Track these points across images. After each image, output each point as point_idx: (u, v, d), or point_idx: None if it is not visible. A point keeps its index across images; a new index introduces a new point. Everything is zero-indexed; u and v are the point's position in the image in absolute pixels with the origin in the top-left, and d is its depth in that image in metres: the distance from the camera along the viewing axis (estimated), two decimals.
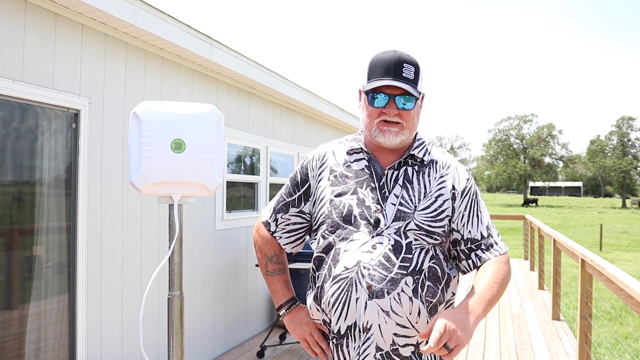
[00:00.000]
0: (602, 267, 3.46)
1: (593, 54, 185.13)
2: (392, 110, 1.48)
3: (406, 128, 1.50)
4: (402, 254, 1.43)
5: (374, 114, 1.50)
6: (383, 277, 1.41)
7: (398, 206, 1.47)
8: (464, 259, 1.52)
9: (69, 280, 3.07)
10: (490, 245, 1.52)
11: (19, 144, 2.80)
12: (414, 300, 1.41)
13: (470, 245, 1.51)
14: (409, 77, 1.46)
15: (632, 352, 5.45)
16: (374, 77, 1.48)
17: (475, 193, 1.56)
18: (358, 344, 1.44)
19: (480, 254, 1.51)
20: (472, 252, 1.51)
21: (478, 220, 1.53)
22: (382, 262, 1.42)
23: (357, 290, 1.42)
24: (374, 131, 1.50)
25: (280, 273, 1.70)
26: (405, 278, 1.42)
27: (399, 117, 1.48)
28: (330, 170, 1.58)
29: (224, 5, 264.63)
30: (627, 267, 11.56)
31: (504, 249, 1.54)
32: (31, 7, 2.78)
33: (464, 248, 1.52)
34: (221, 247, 4.63)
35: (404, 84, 1.45)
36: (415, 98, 1.48)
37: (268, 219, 1.70)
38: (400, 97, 1.47)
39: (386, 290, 1.41)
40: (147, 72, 3.65)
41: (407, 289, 1.41)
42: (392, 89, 1.47)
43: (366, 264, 1.43)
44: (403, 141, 1.52)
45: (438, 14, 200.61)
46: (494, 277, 1.45)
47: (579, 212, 40.81)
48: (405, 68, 1.46)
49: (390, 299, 1.41)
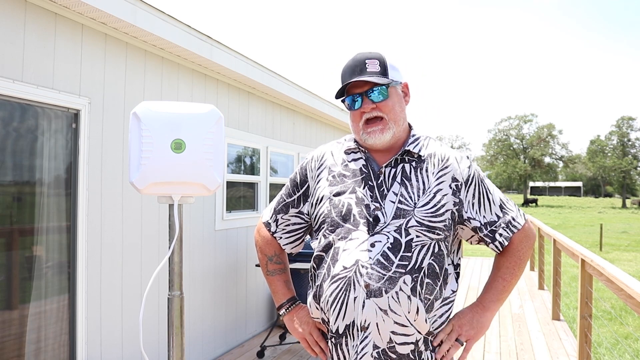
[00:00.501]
0: (602, 267, 3.46)
1: (593, 54, 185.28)
2: (368, 106, 1.50)
3: (390, 120, 1.51)
4: (400, 252, 1.43)
5: (356, 117, 1.54)
6: (381, 275, 1.41)
7: (397, 204, 1.47)
8: (490, 242, 1.55)
9: (69, 280, 3.07)
10: (509, 222, 1.55)
11: (19, 144, 2.81)
12: (412, 299, 1.42)
13: (491, 228, 1.54)
14: (373, 71, 1.49)
15: (632, 352, 5.45)
16: (342, 84, 1.53)
17: (480, 178, 1.56)
18: (356, 342, 1.44)
19: (502, 233, 1.54)
20: (495, 233, 1.54)
21: (490, 203, 1.55)
22: (380, 261, 1.42)
23: (355, 289, 1.43)
24: (362, 135, 1.53)
25: (281, 273, 1.71)
26: (403, 277, 1.42)
27: (379, 110, 1.50)
28: (329, 170, 1.59)
29: (224, 5, 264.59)
30: (627, 267, 11.56)
31: (522, 221, 1.57)
32: (31, 7, 2.78)
33: (486, 232, 1.54)
34: (221, 247, 4.63)
35: (367, 76, 1.48)
36: (386, 86, 1.50)
37: (269, 219, 1.71)
38: (370, 91, 1.50)
39: (384, 289, 1.41)
40: (147, 72, 3.65)
41: (405, 288, 1.41)
42: (361, 86, 1.51)
43: (364, 263, 1.43)
44: (394, 136, 1.52)
45: (438, 14, 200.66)
46: (508, 262, 1.56)
47: (579, 212, 40.82)
48: (369, 64, 1.50)
49: (388, 297, 1.41)
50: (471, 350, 4.70)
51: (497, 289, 1.56)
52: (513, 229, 1.55)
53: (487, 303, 1.55)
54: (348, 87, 1.53)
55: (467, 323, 1.52)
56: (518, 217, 1.57)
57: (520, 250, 1.55)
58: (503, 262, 1.57)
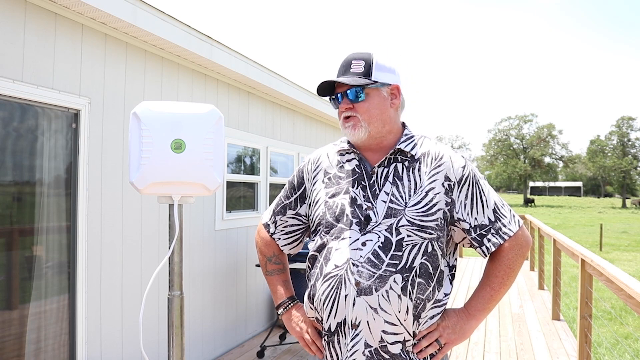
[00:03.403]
0: (602, 267, 3.46)
1: (593, 54, 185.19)
2: (343, 106, 1.55)
3: (363, 120, 1.53)
4: (391, 251, 1.44)
5: (339, 115, 1.59)
6: (371, 274, 1.42)
7: (388, 203, 1.48)
8: (478, 246, 1.53)
9: (69, 280, 3.07)
10: (499, 229, 1.52)
11: (19, 144, 2.81)
12: (402, 298, 1.42)
13: (480, 231, 1.51)
14: (356, 71, 1.52)
15: (632, 352, 5.45)
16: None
17: (475, 179, 1.54)
18: (347, 340, 1.45)
19: (491, 239, 1.51)
20: (483, 237, 1.51)
21: (483, 205, 1.52)
22: (370, 259, 1.43)
23: (346, 287, 1.44)
24: (343, 130, 1.58)
25: (280, 273, 1.73)
26: (394, 275, 1.42)
27: (352, 110, 1.54)
28: (325, 172, 1.61)
29: (224, 5, 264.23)
30: (627, 267, 11.56)
31: (515, 228, 1.53)
32: (31, 7, 2.78)
33: (474, 236, 1.51)
34: (221, 247, 4.63)
35: (343, 77, 1.52)
36: (362, 88, 1.52)
37: (268, 221, 1.75)
38: (349, 91, 1.53)
39: (374, 287, 1.41)
40: (147, 72, 3.65)
41: (395, 287, 1.42)
42: (341, 87, 1.55)
43: (355, 261, 1.44)
44: (371, 135, 1.54)
45: (438, 14, 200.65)
46: (497, 271, 1.52)
47: (579, 212, 40.81)
48: (354, 65, 1.53)
49: (378, 296, 1.41)
50: (471, 350, 4.70)
51: (484, 297, 1.53)
52: (504, 236, 1.51)
53: (474, 311, 1.53)
54: (336, 85, 1.58)
55: (451, 327, 1.50)
56: (510, 224, 1.53)
57: (511, 259, 1.51)
58: (492, 270, 1.54)
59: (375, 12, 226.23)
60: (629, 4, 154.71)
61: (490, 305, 1.54)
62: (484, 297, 1.53)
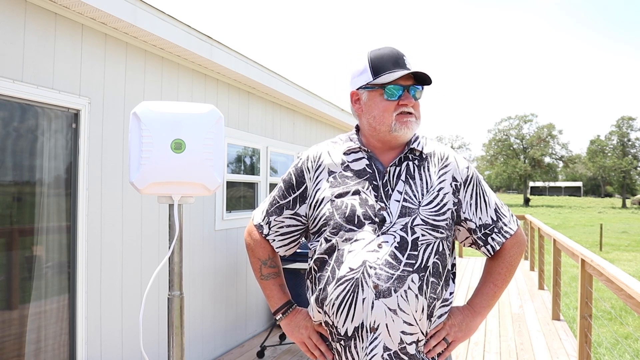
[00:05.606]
0: (602, 267, 3.46)
1: (593, 54, 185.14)
2: (410, 101, 1.48)
3: (418, 119, 1.51)
4: (407, 250, 1.42)
5: (390, 107, 1.47)
6: (390, 275, 1.40)
7: (402, 202, 1.46)
8: (483, 245, 1.56)
9: (69, 280, 3.07)
10: (501, 228, 1.57)
11: (19, 144, 2.81)
12: (419, 298, 1.41)
13: (485, 230, 1.55)
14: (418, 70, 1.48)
15: (632, 352, 5.45)
16: (384, 71, 1.47)
17: (478, 179, 1.58)
18: (365, 344, 1.42)
19: (495, 237, 1.56)
20: (488, 237, 1.55)
21: (486, 205, 1.56)
22: (388, 261, 1.41)
23: (363, 291, 1.40)
24: (394, 125, 1.47)
25: (275, 277, 1.67)
26: (411, 275, 1.41)
27: (413, 107, 1.49)
28: (329, 171, 1.55)
29: (224, 5, 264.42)
30: (627, 267, 11.56)
31: (515, 227, 1.59)
32: (31, 7, 2.78)
33: (480, 235, 1.55)
34: (221, 247, 4.63)
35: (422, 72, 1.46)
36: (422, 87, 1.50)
37: (260, 221, 1.67)
38: (412, 87, 1.48)
39: (393, 288, 1.39)
40: (147, 72, 3.65)
41: (413, 286, 1.41)
42: (405, 80, 1.47)
43: (372, 264, 1.41)
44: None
45: (439, 14, 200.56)
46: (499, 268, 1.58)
47: (579, 212, 40.81)
48: (406, 60, 1.50)
49: (397, 297, 1.39)
50: (471, 351, 4.71)
51: (488, 294, 1.57)
52: (506, 235, 1.56)
53: (479, 308, 1.56)
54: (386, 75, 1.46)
55: (457, 325, 1.52)
56: (511, 223, 1.58)
57: (512, 256, 1.57)
58: (494, 267, 1.58)
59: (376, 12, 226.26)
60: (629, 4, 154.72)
61: (493, 301, 1.58)
62: (488, 294, 1.57)
